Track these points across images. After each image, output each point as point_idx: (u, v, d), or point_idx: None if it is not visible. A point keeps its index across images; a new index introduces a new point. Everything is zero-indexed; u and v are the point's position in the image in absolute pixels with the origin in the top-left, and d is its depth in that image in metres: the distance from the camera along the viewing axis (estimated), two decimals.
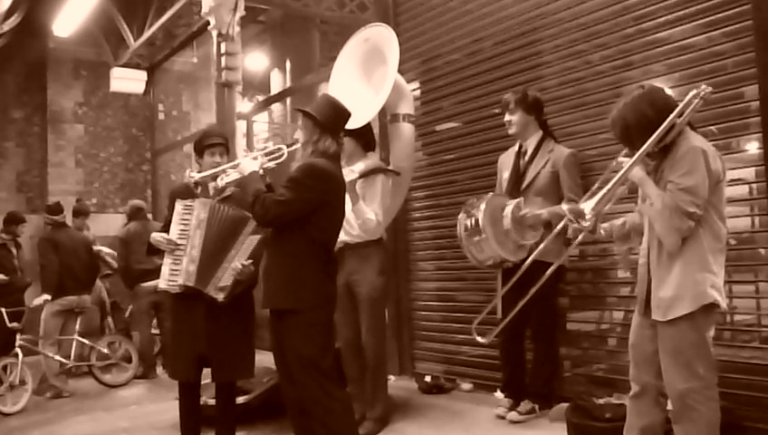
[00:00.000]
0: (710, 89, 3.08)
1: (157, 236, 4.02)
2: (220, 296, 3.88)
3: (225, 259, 3.90)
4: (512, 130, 4.62)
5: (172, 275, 3.95)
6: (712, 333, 3.03)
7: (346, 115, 3.71)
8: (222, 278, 3.89)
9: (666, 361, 3.04)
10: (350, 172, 4.44)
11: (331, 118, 3.59)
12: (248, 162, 3.61)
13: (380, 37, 4.68)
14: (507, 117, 4.60)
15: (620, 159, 3.17)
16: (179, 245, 3.94)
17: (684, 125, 3.04)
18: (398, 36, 4.67)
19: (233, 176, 3.69)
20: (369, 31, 4.75)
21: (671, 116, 3.01)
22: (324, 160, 3.50)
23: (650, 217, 3.03)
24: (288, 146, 3.72)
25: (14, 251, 7.79)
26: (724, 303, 3.00)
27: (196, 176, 3.94)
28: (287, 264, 3.49)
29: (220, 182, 3.79)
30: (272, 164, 3.68)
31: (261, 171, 3.60)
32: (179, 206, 4.00)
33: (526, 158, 4.58)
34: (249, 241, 3.92)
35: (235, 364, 4.04)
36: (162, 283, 4.00)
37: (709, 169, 2.96)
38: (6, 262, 7.61)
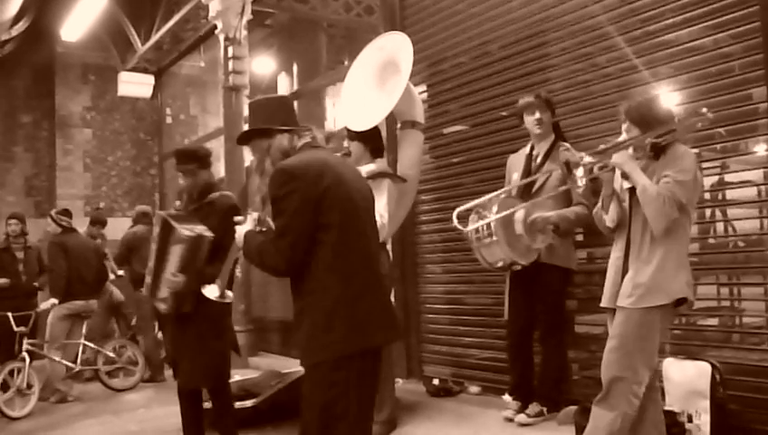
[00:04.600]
0: (711, 115, 3.27)
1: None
2: (162, 307, 4.04)
3: (162, 270, 3.99)
4: (539, 130, 4.54)
5: None
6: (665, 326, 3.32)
7: (286, 104, 3.02)
8: (161, 290, 3.99)
9: (612, 343, 3.29)
10: None
11: (268, 115, 2.91)
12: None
13: (395, 46, 4.62)
14: (538, 114, 4.52)
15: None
16: None
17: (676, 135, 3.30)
18: None
19: None
20: (384, 40, 4.70)
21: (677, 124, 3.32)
22: (290, 159, 2.80)
23: (643, 201, 3.18)
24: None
25: (19, 256, 7.60)
26: (692, 296, 3.29)
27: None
28: (304, 307, 2.70)
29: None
30: None
31: None
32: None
33: (538, 160, 4.56)
34: (173, 251, 3.91)
35: (187, 372, 4.06)
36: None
37: (697, 176, 3.25)
38: (10, 266, 7.52)
